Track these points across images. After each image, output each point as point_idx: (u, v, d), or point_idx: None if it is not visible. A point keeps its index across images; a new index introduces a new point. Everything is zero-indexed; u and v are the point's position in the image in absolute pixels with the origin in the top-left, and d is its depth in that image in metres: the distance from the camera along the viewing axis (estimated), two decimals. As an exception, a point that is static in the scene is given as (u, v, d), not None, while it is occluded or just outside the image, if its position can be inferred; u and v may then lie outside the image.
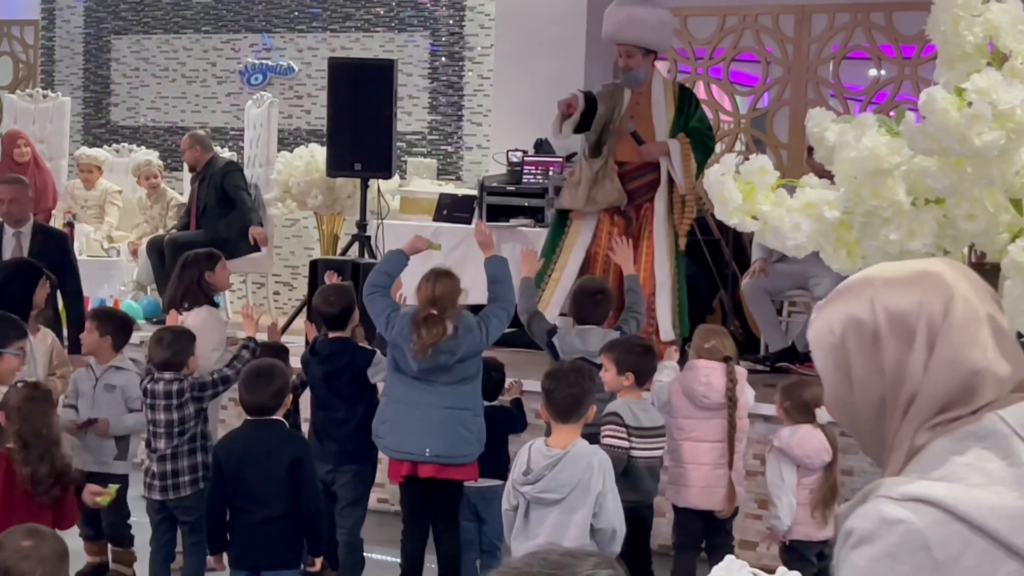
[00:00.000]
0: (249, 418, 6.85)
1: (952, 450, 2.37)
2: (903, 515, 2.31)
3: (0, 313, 7.24)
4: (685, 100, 9.72)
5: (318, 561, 7.10)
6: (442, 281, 7.35)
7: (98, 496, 6.67)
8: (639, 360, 7.45)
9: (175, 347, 7.48)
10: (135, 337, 8.63)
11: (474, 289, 7.80)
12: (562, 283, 9.24)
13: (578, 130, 9.70)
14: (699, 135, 9.62)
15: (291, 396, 7.11)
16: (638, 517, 7.39)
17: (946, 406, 2.43)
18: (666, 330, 9.41)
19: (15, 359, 6.83)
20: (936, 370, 2.42)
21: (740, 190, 4.19)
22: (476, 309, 7.63)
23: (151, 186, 13.20)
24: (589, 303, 7.99)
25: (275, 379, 6.81)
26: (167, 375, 7.37)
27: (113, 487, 7.01)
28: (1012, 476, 2.32)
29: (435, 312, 7.13)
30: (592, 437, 6.55)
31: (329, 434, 7.66)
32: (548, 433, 6.29)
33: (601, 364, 7.29)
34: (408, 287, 7.93)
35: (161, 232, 12.49)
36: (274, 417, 6.78)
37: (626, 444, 7.16)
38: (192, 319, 8.11)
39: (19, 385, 6.40)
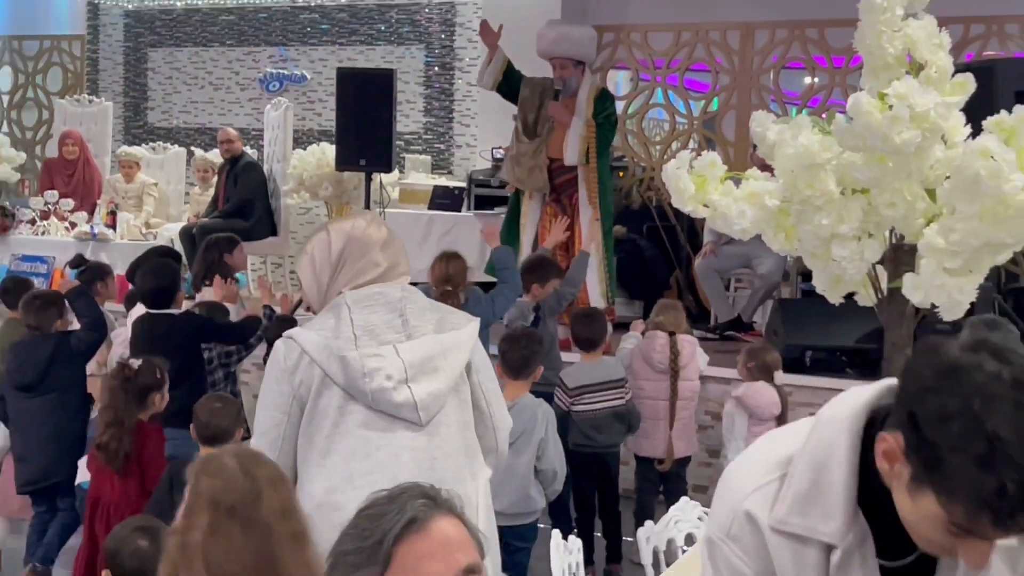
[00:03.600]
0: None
1: (320, 315, 3.93)
2: (278, 344, 3.89)
3: None
4: (600, 101, 9.79)
5: None
6: (454, 262, 7.36)
7: None
8: (579, 325, 7.56)
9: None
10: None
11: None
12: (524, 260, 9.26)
13: (500, 90, 9.91)
14: (601, 129, 9.72)
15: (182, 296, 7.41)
16: (600, 462, 7.45)
17: (329, 286, 3.94)
18: (595, 299, 9.50)
19: None
20: (344, 268, 3.93)
21: (693, 182, 4.20)
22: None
23: (202, 178, 13.23)
24: (528, 274, 8.04)
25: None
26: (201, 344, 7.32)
27: None
28: (333, 327, 3.80)
29: (450, 288, 7.12)
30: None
31: None
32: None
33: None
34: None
35: (193, 220, 12.49)
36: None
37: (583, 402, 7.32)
38: (210, 294, 8.08)
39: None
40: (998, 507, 1.97)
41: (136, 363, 6.11)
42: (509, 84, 9.96)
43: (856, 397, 2.25)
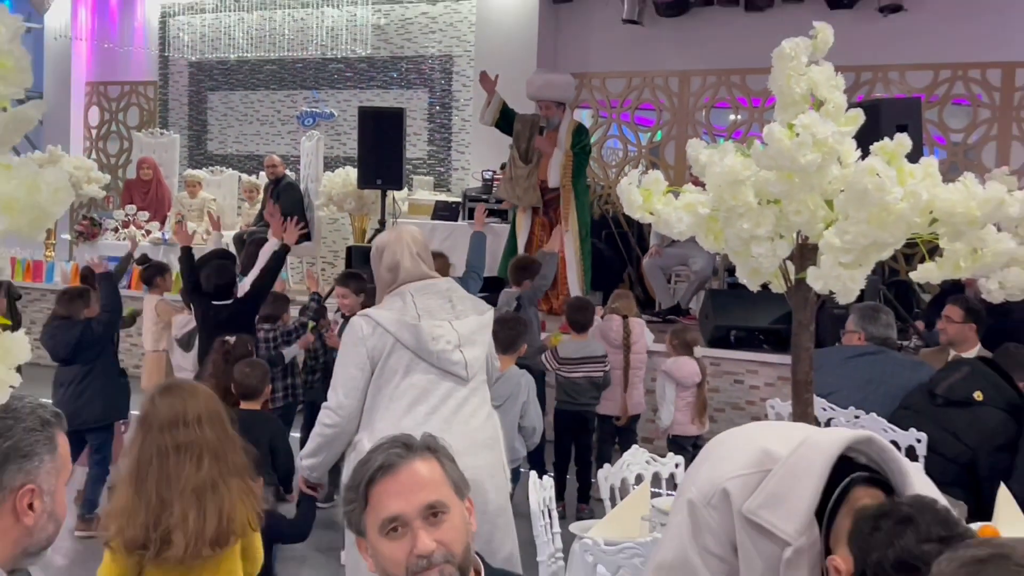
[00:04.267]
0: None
1: (387, 299, 4.30)
2: (356, 319, 4.30)
3: None
4: (577, 134, 9.83)
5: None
6: (438, 259, 7.35)
7: None
8: (572, 312, 7.56)
9: (274, 306, 7.48)
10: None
11: (461, 267, 7.78)
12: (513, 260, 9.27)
13: (497, 126, 9.96)
14: (577, 157, 9.81)
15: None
16: (582, 418, 7.44)
17: (393, 281, 4.31)
18: (575, 293, 9.63)
19: None
20: (386, 265, 4.32)
21: (641, 195, 4.20)
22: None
23: (248, 197, 13.22)
24: (516, 271, 8.06)
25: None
26: (266, 326, 7.38)
27: None
28: (400, 307, 4.21)
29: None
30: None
31: None
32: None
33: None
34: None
35: (244, 228, 12.51)
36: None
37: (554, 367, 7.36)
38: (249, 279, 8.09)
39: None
40: None
41: (232, 340, 6.26)
42: (506, 120, 10.00)
43: (840, 435, 2.21)
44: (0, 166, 1.84)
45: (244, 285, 7.77)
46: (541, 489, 4.37)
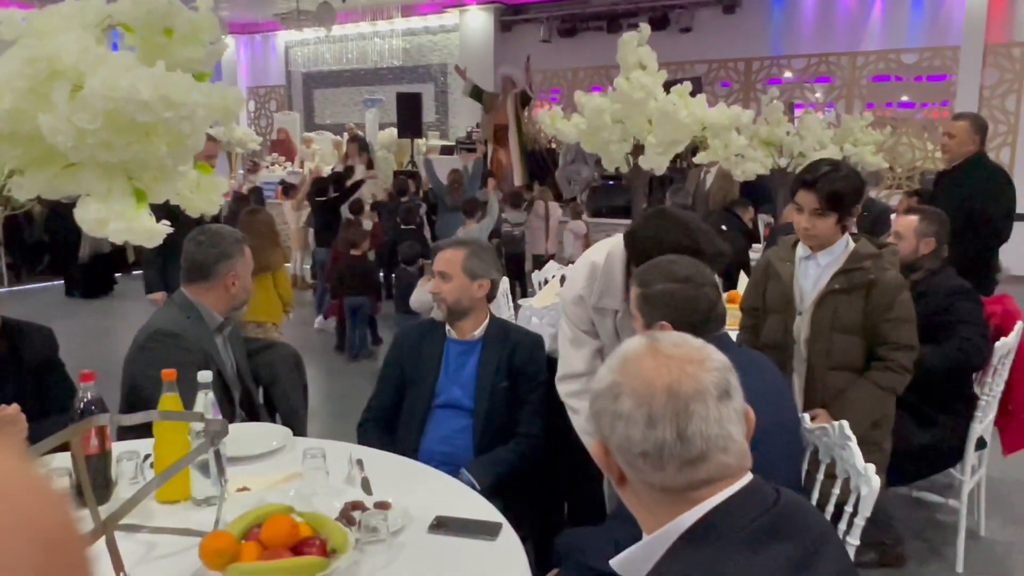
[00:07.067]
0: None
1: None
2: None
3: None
4: (521, 96, 9.59)
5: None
6: (456, 173, 7.26)
7: None
8: (512, 198, 7.52)
9: (400, 183, 7.20)
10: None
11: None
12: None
13: (471, 96, 9.72)
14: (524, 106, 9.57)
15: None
16: (518, 256, 7.50)
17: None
18: (517, 183, 9.47)
19: None
20: None
21: (551, 119, 4.19)
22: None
23: (336, 147, 12.83)
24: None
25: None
26: (403, 198, 7.09)
27: None
28: None
29: (457, 180, 7.04)
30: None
31: None
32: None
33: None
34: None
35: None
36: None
37: (511, 228, 7.29)
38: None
39: None
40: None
41: (353, 217, 6.14)
42: (477, 94, 9.78)
43: (618, 239, 2.11)
44: (206, 84, 1.83)
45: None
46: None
